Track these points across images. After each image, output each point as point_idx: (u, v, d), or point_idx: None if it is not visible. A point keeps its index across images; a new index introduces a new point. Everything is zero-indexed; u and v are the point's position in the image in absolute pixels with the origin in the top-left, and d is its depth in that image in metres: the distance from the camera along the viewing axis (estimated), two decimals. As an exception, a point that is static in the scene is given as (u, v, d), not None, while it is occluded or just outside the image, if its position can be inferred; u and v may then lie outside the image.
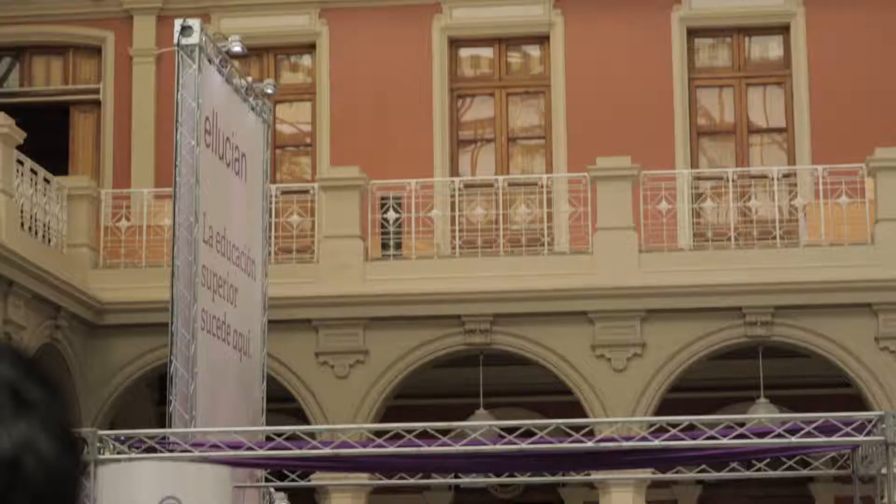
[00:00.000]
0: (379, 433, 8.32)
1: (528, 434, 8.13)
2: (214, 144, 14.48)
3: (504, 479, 10.34)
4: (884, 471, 8.39)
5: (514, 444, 8.06)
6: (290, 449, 8.21)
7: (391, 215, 19.41)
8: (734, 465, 9.46)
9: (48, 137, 19.59)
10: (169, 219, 15.32)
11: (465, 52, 21.71)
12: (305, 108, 21.80)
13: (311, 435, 8.51)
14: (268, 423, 10.05)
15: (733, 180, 19.54)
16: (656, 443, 8.06)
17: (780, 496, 22.85)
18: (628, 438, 8.22)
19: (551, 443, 8.07)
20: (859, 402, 17.91)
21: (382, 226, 19.56)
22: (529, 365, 19.52)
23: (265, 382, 10.64)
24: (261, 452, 8.19)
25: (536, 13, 21.17)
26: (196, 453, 7.90)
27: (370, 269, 19.26)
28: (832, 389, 19.83)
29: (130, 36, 21.51)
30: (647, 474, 12.80)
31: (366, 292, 18.98)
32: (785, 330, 18.71)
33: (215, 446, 8.13)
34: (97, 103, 21.39)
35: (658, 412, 17.72)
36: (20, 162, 17.32)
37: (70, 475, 1.12)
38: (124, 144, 21.39)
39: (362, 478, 14.52)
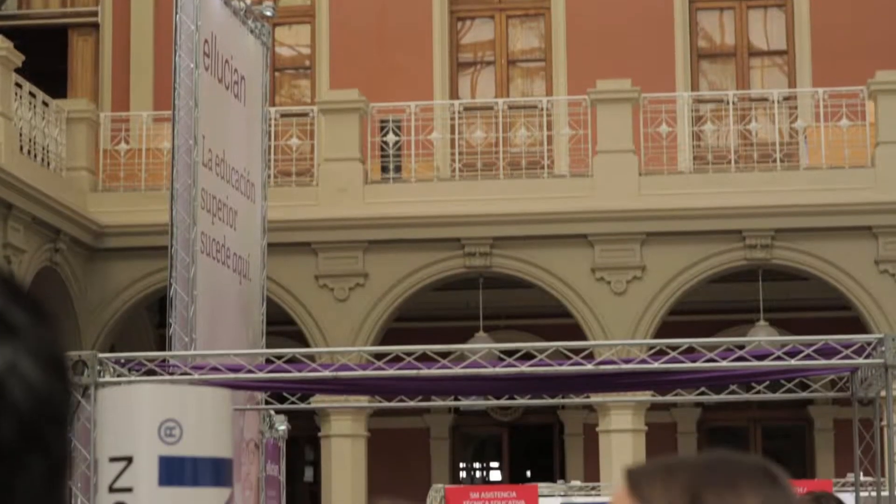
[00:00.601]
0: (378, 356, 8.33)
1: (527, 357, 8.13)
2: (213, 67, 14.39)
3: (503, 402, 10.37)
4: (883, 393, 8.40)
5: (514, 366, 8.07)
6: (289, 371, 8.22)
7: (391, 138, 19.35)
8: (733, 387, 9.47)
9: (47, 60, 19.50)
10: (168, 142, 15.26)
11: (464, -26, 21.54)
12: (305, 30, 21.66)
13: (311, 357, 8.52)
14: (267, 346, 10.06)
15: (733, 103, 19.44)
16: (655, 365, 8.07)
17: (779, 418, 22.99)
18: (628, 361, 8.23)
19: (551, 365, 8.08)
20: (859, 325, 17.95)
21: (382, 149, 19.51)
22: (529, 288, 19.54)
23: (265, 305, 10.65)
24: (260, 375, 8.20)
25: (537, -66, 21.00)
26: (196, 376, 7.92)
27: (370, 192, 19.23)
28: (832, 312, 19.87)
29: (128, -43, 21.33)
30: (646, 397, 12.85)
31: (365, 215, 18.96)
32: (785, 253, 18.71)
33: (215, 369, 8.14)
34: (96, 26, 21.25)
35: (657, 335, 17.76)
36: (18, 85, 17.24)
37: (59, 399, 1.10)
38: (123, 67, 21.29)
39: (362, 400, 14.58)
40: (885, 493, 8.92)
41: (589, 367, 8.04)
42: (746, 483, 1.74)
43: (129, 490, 3.93)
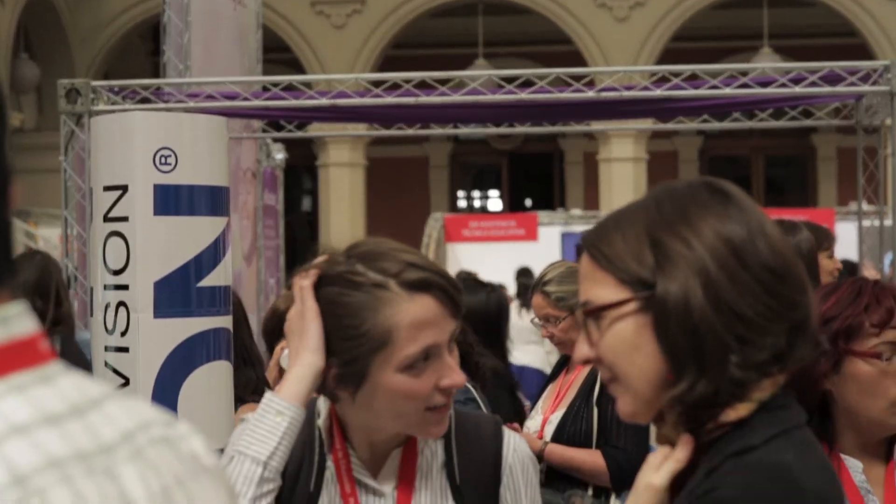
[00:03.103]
0: (376, 83, 8.19)
1: (527, 84, 8.00)
2: None
3: (503, 130, 10.27)
4: (888, 121, 8.30)
5: (514, 93, 7.95)
6: (286, 99, 8.09)
7: None
8: (736, 115, 9.36)
9: None
10: None
11: None
12: None
13: (308, 85, 8.37)
14: (263, 74, 9.90)
15: None
16: (658, 92, 7.95)
17: (782, 147, 22.98)
18: (629, 88, 8.09)
19: (551, 92, 7.95)
20: (864, 52, 17.76)
21: None
22: (529, 14, 19.26)
23: (260, 32, 10.40)
24: (256, 103, 8.07)
25: None
26: (191, 104, 7.80)
27: (366, -85, 18.82)
28: (837, 39, 19.66)
29: None
30: (647, 124, 12.75)
31: (362, -61, 18.59)
32: (790, -23, 18.40)
33: (210, 97, 8.02)
34: None
35: (660, 61, 17.60)
36: None
37: None
38: None
39: (360, 128, 14.51)
40: (888, 223, 8.91)
41: (590, 94, 7.91)
42: (697, 209, 1.69)
43: (124, 219, 3.87)
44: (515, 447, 2.26)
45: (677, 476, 1.73)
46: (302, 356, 2.10)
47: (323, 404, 2.25)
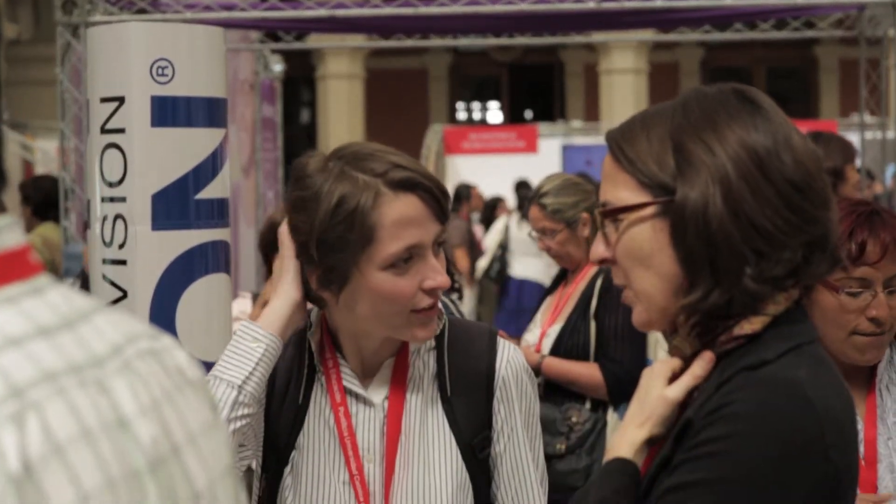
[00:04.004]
0: (375, -6, 8.12)
1: (528, -6, 7.92)
2: None
3: (503, 41, 10.19)
4: (891, 32, 8.25)
5: (514, 3, 7.88)
6: (284, 10, 8.03)
7: None
8: (738, 26, 9.29)
9: None
10: None
11: None
12: None
13: (306, -5, 8.30)
14: (262, -16, 9.81)
15: None
16: (659, 2, 7.88)
17: (784, 58, 22.85)
18: (631, -1, 8.02)
19: (551, 2, 7.88)
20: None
21: None
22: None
23: (258, -58, 10.29)
24: (254, 13, 8.01)
25: None
26: (188, 14, 7.74)
27: None
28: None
29: None
30: (648, 35, 12.64)
31: None
32: None
33: (208, 7, 7.95)
34: None
35: (660, -27, 17.42)
36: None
37: None
38: None
39: (358, 39, 14.41)
40: (890, 134, 8.88)
41: (591, 3, 7.84)
42: (724, 117, 1.66)
43: (121, 131, 3.84)
44: (510, 359, 2.24)
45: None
46: (280, 290, 2.16)
47: (316, 317, 2.25)
